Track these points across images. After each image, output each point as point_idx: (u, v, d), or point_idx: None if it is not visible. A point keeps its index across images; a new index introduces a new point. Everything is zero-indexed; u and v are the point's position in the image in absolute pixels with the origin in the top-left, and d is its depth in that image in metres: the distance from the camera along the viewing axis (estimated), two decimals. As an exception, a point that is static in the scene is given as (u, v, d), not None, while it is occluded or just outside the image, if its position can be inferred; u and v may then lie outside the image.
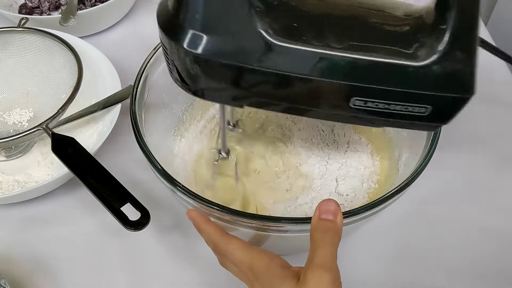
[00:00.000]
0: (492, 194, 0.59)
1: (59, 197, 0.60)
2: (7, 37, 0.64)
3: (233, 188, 0.53)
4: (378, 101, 0.36)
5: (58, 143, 0.53)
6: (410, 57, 0.34)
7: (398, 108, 0.36)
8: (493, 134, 0.64)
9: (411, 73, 0.34)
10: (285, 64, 0.35)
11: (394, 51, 0.35)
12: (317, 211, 0.37)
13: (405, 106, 0.36)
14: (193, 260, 0.54)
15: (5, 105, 0.66)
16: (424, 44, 0.34)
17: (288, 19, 0.35)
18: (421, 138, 0.47)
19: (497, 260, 0.53)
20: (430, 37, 0.34)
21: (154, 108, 0.52)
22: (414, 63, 0.34)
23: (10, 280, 0.51)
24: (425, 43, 0.34)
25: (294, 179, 0.54)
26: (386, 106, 0.36)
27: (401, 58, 0.34)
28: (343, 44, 0.34)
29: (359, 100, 0.36)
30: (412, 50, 0.34)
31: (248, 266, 0.38)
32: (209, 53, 0.34)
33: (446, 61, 0.34)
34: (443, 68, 0.34)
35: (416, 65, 0.34)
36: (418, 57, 0.34)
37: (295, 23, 0.35)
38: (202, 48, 0.34)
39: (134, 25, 0.83)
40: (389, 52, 0.34)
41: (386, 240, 0.55)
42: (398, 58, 0.34)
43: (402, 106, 0.36)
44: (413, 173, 0.42)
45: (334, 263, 0.34)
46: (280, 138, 0.57)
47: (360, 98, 0.36)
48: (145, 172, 0.57)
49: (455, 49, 0.34)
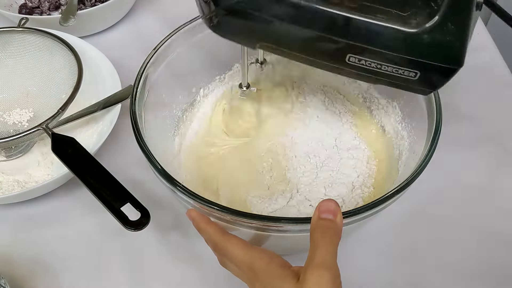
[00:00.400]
0: (492, 194, 0.59)
1: (59, 197, 0.60)
2: (7, 37, 0.64)
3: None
4: (370, 61, 0.39)
5: (58, 143, 0.53)
6: (404, 22, 0.37)
7: (389, 70, 0.39)
8: (493, 134, 0.64)
9: (403, 38, 0.37)
10: (288, 16, 0.38)
11: (390, 12, 0.37)
12: (317, 210, 0.37)
13: (395, 68, 0.39)
14: (193, 260, 0.54)
15: (5, 105, 0.66)
16: (419, 12, 0.37)
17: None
18: (421, 138, 0.47)
19: (497, 260, 0.53)
20: (426, 7, 0.36)
21: (154, 108, 0.52)
22: (407, 29, 0.37)
23: (10, 280, 0.51)
24: (420, 11, 0.36)
25: (277, 182, 0.54)
26: (378, 66, 0.39)
27: (395, 23, 0.37)
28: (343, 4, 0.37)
29: (353, 57, 0.39)
30: (406, 14, 0.37)
31: (248, 266, 0.38)
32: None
33: (437, 31, 0.36)
34: (433, 37, 0.37)
35: (408, 32, 0.37)
36: (411, 24, 0.37)
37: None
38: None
39: (134, 25, 0.83)
40: (385, 13, 0.37)
41: (386, 240, 0.55)
42: (393, 22, 0.37)
43: (393, 68, 0.39)
44: (413, 173, 0.42)
45: (334, 263, 0.34)
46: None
47: (354, 55, 0.39)
48: (145, 172, 0.57)
49: (448, 21, 0.36)
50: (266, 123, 0.59)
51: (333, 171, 0.54)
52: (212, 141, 0.58)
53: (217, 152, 0.57)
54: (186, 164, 0.56)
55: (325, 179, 0.54)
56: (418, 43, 0.37)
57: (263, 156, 0.56)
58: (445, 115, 0.46)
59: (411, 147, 0.50)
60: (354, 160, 0.55)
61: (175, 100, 0.58)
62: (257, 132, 0.58)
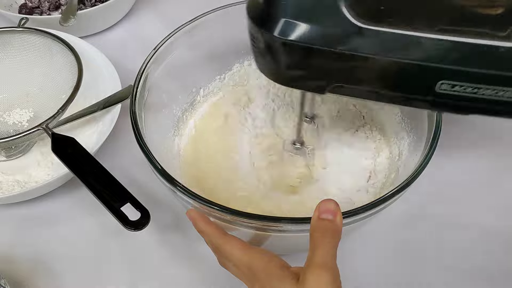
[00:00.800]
0: (492, 194, 0.59)
1: (59, 197, 0.60)
2: (7, 37, 0.64)
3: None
4: (466, 84, 0.35)
5: (58, 143, 0.53)
6: (503, 38, 0.33)
7: (487, 93, 0.35)
8: (493, 134, 0.64)
9: (503, 54, 0.33)
10: (373, 47, 0.35)
11: (487, 34, 0.33)
12: (316, 211, 0.37)
13: (495, 90, 0.35)
14: (193, 260, 0.54)
15: (5, 105, 0.66)
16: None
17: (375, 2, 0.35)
18: (421, 138, 0.47)
19: (497, 260, 0.53)
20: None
21: (154, 108, 0.52)
22: (507, 43, 0.33)
23: (10, 280, 0.51)
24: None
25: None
26: (474, 90, 0.35)
27: (494, 40, 0.33)
28: (433, 28, 0.34)
29: (446, 84, 0.35)
30: (505, 33, 0.33)
31: (247, 266, 0.38)
32: (299, 39, 0.36)
33: None
34: None
35: (509, 46, 0.33)
36: (509, 37, 0.33)
37: (382, 5, 0.35)
38: (294, 35, 0.36)
39: (134, 25, 0.83)
40: (482, 35, 0.33)
41: (386, 240, 0.55)
42: (491, 39, 0.33)
43: (492, 90, 0.35)
44: (413, 173, 0.42)
45: (334, 263, 0.34)
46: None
47: (447, 81, 0.35)
48: (145, 172, 0.57)
49: None
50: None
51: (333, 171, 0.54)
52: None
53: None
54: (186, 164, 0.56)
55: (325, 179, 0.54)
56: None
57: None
58: (445, 115, 0.46)
59: (411, 147, 0.50)
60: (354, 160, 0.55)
61: (175, 100, 0.58)
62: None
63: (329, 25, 0.35)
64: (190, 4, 0.79)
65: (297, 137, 0.52)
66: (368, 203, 0.40)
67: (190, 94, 0.60)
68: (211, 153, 0.57)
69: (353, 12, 0.35)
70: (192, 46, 0.56)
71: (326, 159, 0.55)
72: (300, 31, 0.36)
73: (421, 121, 0.48)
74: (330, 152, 0.56)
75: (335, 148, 0.56)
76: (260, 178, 0.54)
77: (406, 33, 0.34)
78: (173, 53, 0.54)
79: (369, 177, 0.54)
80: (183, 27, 0.54)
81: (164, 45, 0.53)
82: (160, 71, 0.53)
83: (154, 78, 0.52)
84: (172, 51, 0.54)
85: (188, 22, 0.55)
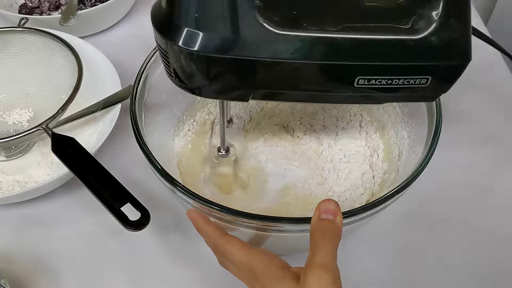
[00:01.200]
0: (492, 194, 0.59)
1: (59, 197, 0.60)
2: (7, 37, 0.64)
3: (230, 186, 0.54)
4: (381, 78, 0.37)
5: (58, 143, 0.53)
6: (408, 31, 0.35)
7: (400, 82, 0.37)
8: (493, 134, 0.64)
9: (411, 46, 0.35)
10: (289, 52, 0.35)
11: (392, 28, 0.35)
12: (316, 211, 0.37)
13: (406, 79, 0.37)
14: (193, 260, 0.54)
15: (5, 105, 0.66)
16: (421, 16, 0.35)
17: (287, 9, 0.35)
18: (421, 138, 0.47)
19: (497, 260, 0.53)
20: (425, 9, 0.35)
21: (154, 108, 0.52)
22: (413, 36, 0.35)
23: (10, 280, 0.51)
24: (421, 15, 0.35)
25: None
26: (388, 81, 0.37)
27: (400, 33, 0.35)
28: (340, 26, 0.35)
29: (363, 79, 0.37)
30: (409, 25, 0.35)
31: (247, 267, 0.38)
32: (207, 50, 0.35)
33: (443, 30, 0.35)
34: (441, 37, 0.35)
35: (415, 38, 0.35)
36: (416, 30, 0.35)
37: (294, 11, 0.35)
38: (199, 45, 0.35)
39: (134, 25, 0.83)
40: (387, 30, 0.35)
41: (386, 240, 0.55)
42: (397, 33, 0.35)
43: (404, 80, 0.37)
44: (413, 173, 0.42)
45: (334, 264, 0.34)
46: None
47: (363, 76, 0.37)
48: (145, 172, 0.57)
49: (450, 18, 0.35)
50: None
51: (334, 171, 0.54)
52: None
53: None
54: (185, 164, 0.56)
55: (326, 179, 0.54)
56: (426, 47, 0.36)
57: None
58: (445, 115, 0.46)
59: (411, 147, 0.50)
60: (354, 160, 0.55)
61: (175, 100, 0.58)
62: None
63: (242, 33, 0.34)
64: (190, 4, 0.79)
65: (222, 144, 0.51)
66: (368, 203, 0.40)
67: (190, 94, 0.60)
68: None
69: (267, 19, 0.34)
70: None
71: (327, 157, 0.56)
72: (207, 41, 0.34)
73: (421, 121, 0.48)
74: (329, 150, 0.56)
75: (334, 146, 0.57)
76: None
77: (319, 35, 0.35)
78: (173, 53, 0.54)
79: (373, 176, 0.54)
80: (183, 27, 0.54)
81: (164, 45, 0.53)
82: (160, 71, 0.53)
83: (154, 78, 0.52)
84: (172, 51, 0.54)
85: (188, 22, 0.55)
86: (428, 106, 0.47)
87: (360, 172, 0.54)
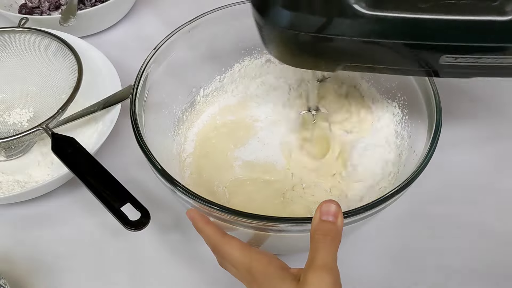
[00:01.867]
0: (492, 194, 0.59)
1: (59, 197, 0.60)
2: (7, 37, 0.64)
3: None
4: (467, 56, 0.38)
5: (58, 143, 0.53)
6: (497, 12, 0.36)
7: (488, 61, 0.38)
8: (493, 134, 0.64)
9: (499, 27, 0.36)
10: (378, 32, 0.37)
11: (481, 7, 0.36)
12: (317, 212, 0.37)
13: (494, 58, 0.38)
14: (193, 260, 0.54)
15: (5, 105, 0.66)
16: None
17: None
18: (421, 138, 0.47)
19: (497, 260, 0.53)
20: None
21: (154, 108, 0.52)
22: (502, 17, 0.36)
23: (10, 280, 0.51)
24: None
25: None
26: (476, 60, 0.38)
27: (489, 14, 0.36)
28: (428, 6, 0.36)
29: (449, 57, 0.38)
30: (498, 4, 0.36)
31: (247, 268, 0.38)
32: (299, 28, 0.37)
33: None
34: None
35: (504, 20, 0.36)
36: (505, 12, 0.36)
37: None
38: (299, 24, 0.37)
39: (134, 25, 0.83)
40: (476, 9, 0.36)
41: (386, 240, 0.55)
42: (486, 14, 0.36)
43: (492, 59, 0.38)
44: (413, 173, 0.42)
45: (335, 265, 0.34)
46: None
47: (450, 55, 0.38)
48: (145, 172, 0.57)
49: None
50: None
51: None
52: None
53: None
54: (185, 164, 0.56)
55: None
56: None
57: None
58: (445, 115, 0.46)
59: (411, 147, 0.50)
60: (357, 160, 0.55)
61: (175, 100, 0.58)
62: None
63: (334, 13, 0.36)
64: (190, 4, 0.79)
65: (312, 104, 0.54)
66: (368, 203, 0.40)
67: (190, 94, 0.60)
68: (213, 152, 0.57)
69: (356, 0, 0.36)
70: (192, 46, 0.56)
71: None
72: (303, 20, 0.37)
73: (422, 121, 0.48)
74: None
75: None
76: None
77: (408, 16, 0.36)
78: (173, 53, 0.54)
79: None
80: (183, 27, 0.54)
81: (164, 45, 0.53)
82: (160, 71, 0.53)
83: (154, 78, 0.52)
84: (172, 51, 0.54)
85: (188, 22, 0.55)
86: (428, 106, 0.47)
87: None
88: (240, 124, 0.60)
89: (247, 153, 0.57)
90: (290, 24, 0.37)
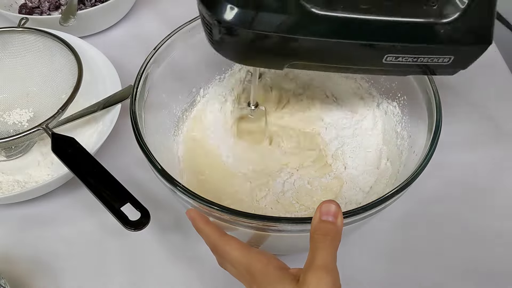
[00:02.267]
0: (492, 194, 0.59)
1: (59, 197, 0.60)
2: (7, 37, 0.64)
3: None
4: (408, 56, 0.40)
5: (58, 143, 0.53)
6: (437, 14, 0.38)
7: (425, 60, 0.41)
8: (493, 134, 0.64)
9: (438, 29, 0.39)
10: (325, 31, 0.39)
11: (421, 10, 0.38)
12: (317, 212, 0.37)
13: (431, 58, 0.41)
14: (193, 260, 0.54)
15: (5, 105, 0.66)
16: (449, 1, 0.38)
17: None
18: (421, 138, 0.47)
19: (497, 260, 0.53)
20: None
21: (154, 108, 0.52)
22: (441, 20, 0.38)
23: (10, 280, 0.51)
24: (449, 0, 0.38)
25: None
26: (414, 59, 0.41)
27: (428, 17, 0.38)
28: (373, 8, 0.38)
29: (391, 57, 0.40)
30: (437, 7, 0.38)
31: (246, 268, 0.38)
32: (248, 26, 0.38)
33: (470, 15, 0.38)
34: (467, 22, 0.38)
35: (442, 22, 0.38)
36: (443, 14, 0.38)
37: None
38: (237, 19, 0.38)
39: (134, 25, 0.83)
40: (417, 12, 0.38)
41: (386, 240, 0.55)
42: (426, 17, 0.38)
43: (428, 58, 0.41)
44: (413, 173, 0.42)
45: (334, 265, 0.34)
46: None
47: (392, 55, 0.40)
48: (145, 172, 0.57)
49: (477, 2, 0.38)
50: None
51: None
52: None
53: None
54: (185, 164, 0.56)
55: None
56: (453, 31, 0.38)
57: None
58: (445, 115, 0.46)
59: (411, 147, 0.50)
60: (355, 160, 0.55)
61: (175, 100, 0.58)
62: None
63: (284, 12, 0.38)
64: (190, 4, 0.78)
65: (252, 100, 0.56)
66: (368, 203, 0.40)
67: (190, 94, 0.60)
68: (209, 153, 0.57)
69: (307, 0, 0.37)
70: (192, 46, 0.56)
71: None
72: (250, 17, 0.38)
73: (422, 121, 0.48)
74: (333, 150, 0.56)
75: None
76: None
77: (354, 17, 0.38)
78: (173, 53, 0.54)
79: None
80: (183, 27, 0.54)
81: (164, 45, 0.53)
82: (160, 71, 0.53)
83: (154, 78, 0.52)
84: (172, 51, 0.54)
85: (188, 22, 0.55)
86: (428, 106, 0.47)
87: (360, 171, 0.54)
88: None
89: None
90: (238, 21, 0.38)
